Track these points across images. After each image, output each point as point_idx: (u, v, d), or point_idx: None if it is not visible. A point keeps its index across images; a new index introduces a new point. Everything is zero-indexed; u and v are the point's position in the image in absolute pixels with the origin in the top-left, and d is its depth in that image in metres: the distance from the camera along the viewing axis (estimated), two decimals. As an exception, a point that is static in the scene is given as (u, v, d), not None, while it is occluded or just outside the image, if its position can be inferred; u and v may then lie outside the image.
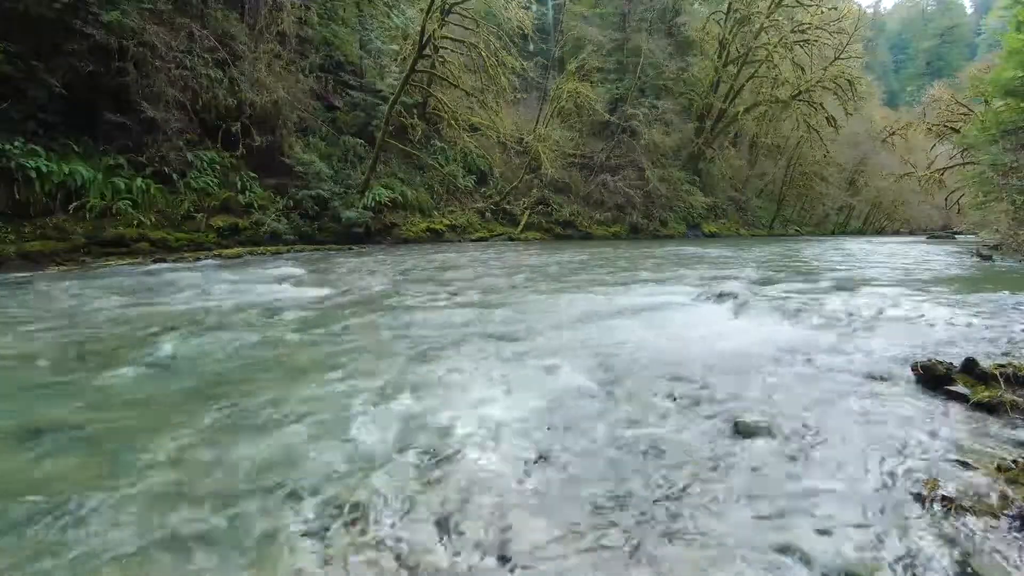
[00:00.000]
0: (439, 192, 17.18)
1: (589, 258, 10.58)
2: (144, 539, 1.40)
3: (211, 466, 1.79)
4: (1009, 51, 12.61)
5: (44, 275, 6.92)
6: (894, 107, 51.83)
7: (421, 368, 2.88)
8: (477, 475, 1.74)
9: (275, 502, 1.57)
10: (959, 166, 23.44)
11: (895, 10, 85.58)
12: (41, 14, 8.40)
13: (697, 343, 3.41)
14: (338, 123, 15.07)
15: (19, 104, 8.30)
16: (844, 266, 9.18)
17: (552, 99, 20.81)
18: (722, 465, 1.79)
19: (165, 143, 10.02)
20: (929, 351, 3.02)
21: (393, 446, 1.94)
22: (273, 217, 11.77)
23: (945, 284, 6.43)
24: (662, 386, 2.57)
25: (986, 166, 13.43)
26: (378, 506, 1.55)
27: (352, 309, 4.68)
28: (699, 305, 4.78)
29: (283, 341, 3.50)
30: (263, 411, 2.27)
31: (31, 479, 1.72)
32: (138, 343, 3.41)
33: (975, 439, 1.95)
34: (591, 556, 1.34)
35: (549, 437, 2.02)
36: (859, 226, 38.05)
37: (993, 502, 1.51)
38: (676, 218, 24.02)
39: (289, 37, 13.35)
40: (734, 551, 1.35)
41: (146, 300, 4.99)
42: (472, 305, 4.87)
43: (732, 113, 26.43)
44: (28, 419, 2.18)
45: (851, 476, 1.70)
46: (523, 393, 2.49)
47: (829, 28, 25.59)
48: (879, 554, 1.32)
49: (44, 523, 1.47)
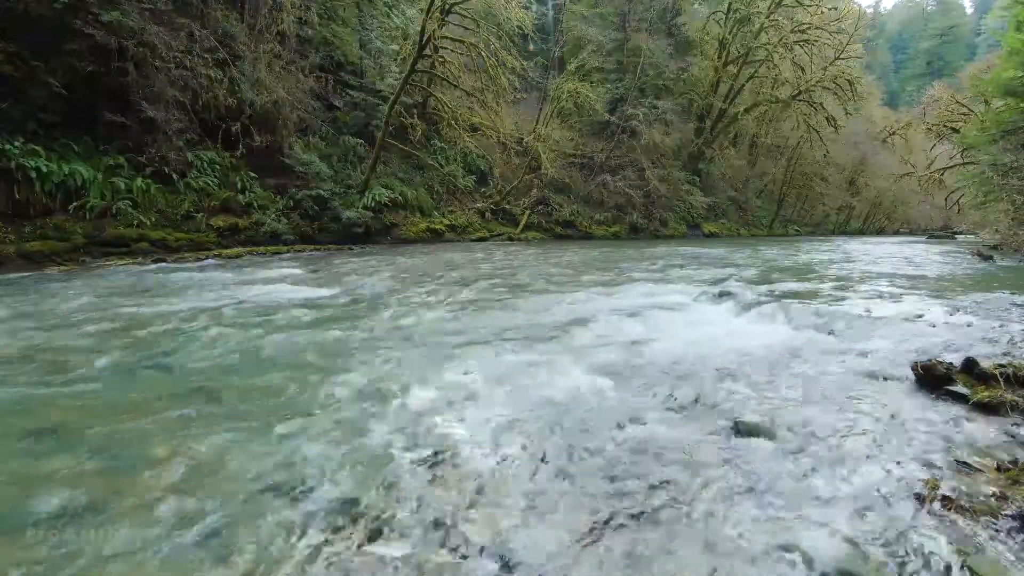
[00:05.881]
0: (439, 192, 17.18)
1: (589, 258, 10.58)
2: (143, 539, 1.40)
3: (207, 467, 1.79)
4: (1009, 51, 12.61)
5: (44, 275, 6.92)
6: (894, 107, 51.80)
7: (421, 368, 2.88)
8: (478, 475, 1.74)
9: (275, 503, 1.57)
10: (959, 166, 23.42)
11: (895, 10, 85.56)
12: (41, 14, 8.40)
13: (697, 343, 3.41)
14: (338, 123, 15.07)
15: (19, 104, 8.31)
16: (844, 266, 9.18)
17: (552, 99, 20.81)
18: (722, 465, 1.79)
19: (165, 143, 10.01)
20: (929, 351, 3.02)
21: (393, 446, 1.94)
22: (273, 217, 11.77)
23: (945, 284, 6.43)
24: (662, 385, 2.57)
25: (986, 166, 13.42)
26: (378, 506, 1.55)
27: (351, 309, 4.68)
28: (699, 305, 4.78)
29: (282, 341, 3.50)
30: (262, 411, 2.27)
31: (35, 476, 1.72)
32: (135, 343, 3.41)
33: (975, 439, 1.95)
34: (592, 556, 1.34)
35: (550, 437, 2.02)
36: (859, 226, 38.02)
37: (993, 502, 1.51)
38: (676, 218, 24.01)
39: (289, 37, 13.35)
40: (735, 551, 1.35)
41: (146, 300, 4.99)
42: (472, 305, 4.87)
43: (732, 113, 26.42)
44: (31, 420, 2.18)
45: (851, 476, 1.70)
46: (523, 393, 2.49)
47: (829, 28, 25.57)
48: (879, 554, 1.32)
49: (44, 523, 1.47)
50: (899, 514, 1.49)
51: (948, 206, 29.98)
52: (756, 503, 1.56)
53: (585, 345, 3.36)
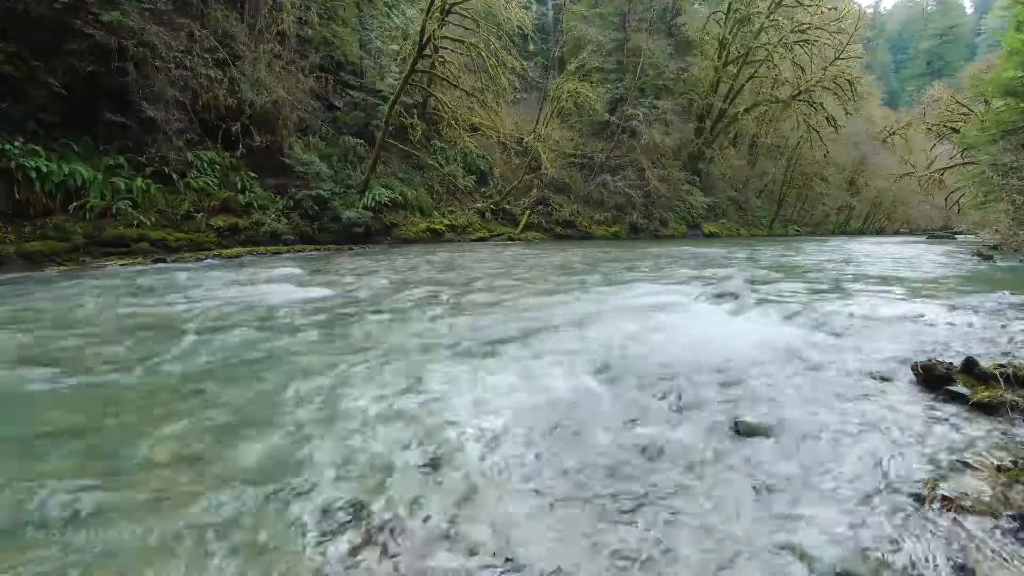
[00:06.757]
0: (439, 192, 17.18)
1: (589, 258, 10.58)
2: (141, 537, 1.40)
3: (207, 467, 1.79)
4: (1009, 51, 12.61)
5: (44, 275, 6.92)
6: (894, 107, 51.79)
7: (420, 368, 2.88)
8: (478, 476, 1.74)
9: (275, 503, 1.57)
10: (959, 166, 23.42)
11: (895, 10, 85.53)
12: (41, 14, 8.39)
13: (697, 343, 3.41)
14: (338, 123, 15.07)
15: (19, 104, 8.30)
16: (844, 266, 9.18)
17: (552, 99, 20.80)
18: (723, 465, 1.79)
19: (165, 143, 10.01)
20: (929, 351, 3.02)
21: (394, 446, 1.94)
22: (273, 217, 11.76)
23: (945, 284, 6.43)
24: (662, 386, 2.57)
25: (986, 166, 13.42)
26: (379, 506, 1.55)
27: (351, 309, 4.68)
28: (699, 305, 4.78)
29: (282, 341, 3.50)
30: (262, 411, 2.27)
31: (35, 476, 1.72)
32: (135, 343, 3.41)
33: (975, 439, 1.95)
34: (593, 556, 1.34)
35: (550, 437, 2.02)
36: (859, 226, 38.02)
37: (993, 502, 1.51)
38: (676, 218, 24.01)
39: (289, 37, 13.35)
40: (735, 551, 1.35)
41: (145, 300, 4.99)
42: (472, 305, 4.87)
43: (732, 113, 26.41)
44: (31, 420, 2.18)
45: (851, 476, 1.70)
46: (524, 393, 2.49)
47: (829, 28, 25.58)
48: (879, 554, 1.32)
49: (45, 523, 1.47)
50: (899, 514, 1.49)
51: (948, 206, 29.98)
52: (756, 503, 1.56)
53: (585, 345, 3.36)
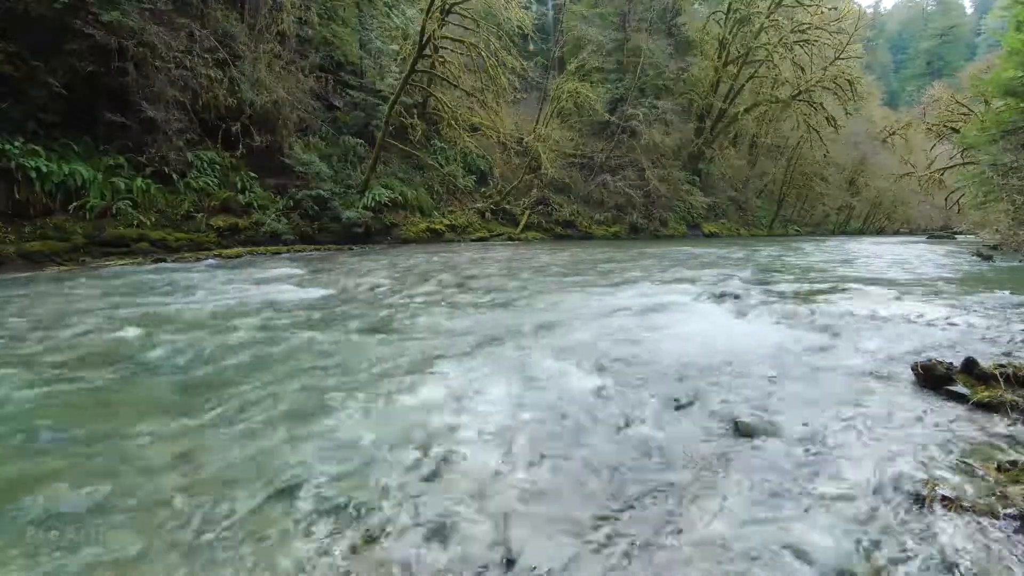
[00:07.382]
0: (439, 192, 17.17)
1: (589, 258, 10.58)
2: (143, 540, 1.40)
3: (207, 467, 1.79)
4: (1009, 51, 12.61)
5: (44, 275, 6.92)
6: (894, 107, 51.77)
7: (420, 368, 2.88)
8: (478, 475, 1.74)
9: (276, 503, 1.57)
10: (959, 166, 23.42)
11: (895, 10, 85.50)
12: (41, 14, 8.39)
13: (697, 343, 3.41)
14: (338, 123, 15.07)
15: (19, 104, 8.30)
16: (844, 266, 9.18)
17: (552, 99, 20.80)
18: (722, 465, 1.79)
19: (165, 143, 10.00)
20: (929, 351, 3.02)
21: (394, 446, 1.94)
22: (273, 217, 11.76)
23: (945, 284, 6.43)
24: (662, 386, 2.57)
25: (986, 166, 13.42)
26: (380, 506, 1.55)
27: (351, 309, 4.68)
28: (699, 305, 4.78)
29: (282, 341, 3.50)
30: (261, 411, 2.27)
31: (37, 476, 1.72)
32: (134, 343, 3.41)
33: (975, 439, 1.95)
34: (593, 556, 1.34)
35: (550, 437, 2.02)
36: (859, 226, 38.01)
37: (993, 502, 1.51)
38: (676, 218, 24.00)
39: (289, 37, 13.34)
40: (735, 550, 1.35)
41: (145, 300, 4.99)
42: (472, 305, 4.87)
43: (732, 113, 26.41)
44: (32, 420, 2.18)
45: (851, 476, 1.70)
46: (524, 393, 2.49)
47: (829, 28, 25.56)
48: (879, 554, 1.32)
49: (45, 523, 1.47)
50: (899, 514, 1.49)
51: (948, 206, 29.96)
52: (756, 503, 1.56)
53: (585, 345, 3.36)
